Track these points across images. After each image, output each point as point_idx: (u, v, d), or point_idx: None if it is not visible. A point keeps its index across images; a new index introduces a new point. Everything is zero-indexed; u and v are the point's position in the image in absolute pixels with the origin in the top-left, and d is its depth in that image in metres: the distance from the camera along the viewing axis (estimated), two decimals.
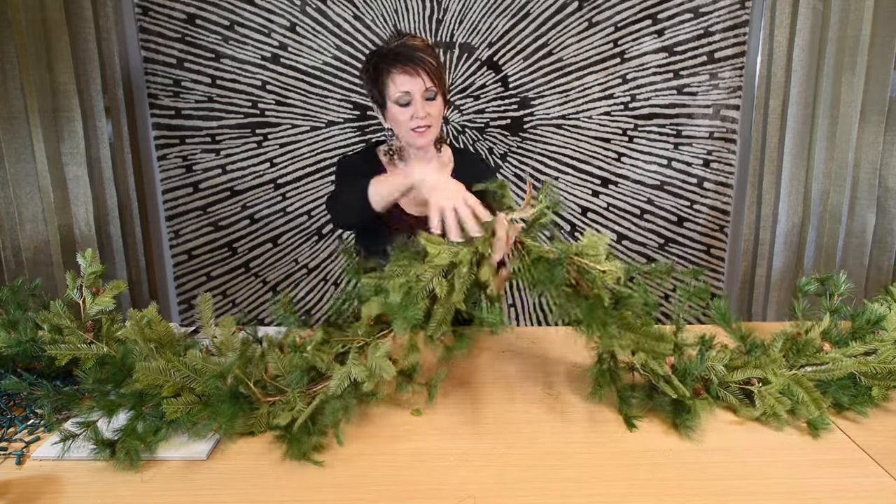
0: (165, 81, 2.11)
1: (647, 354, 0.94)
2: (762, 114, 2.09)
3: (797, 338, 1.03)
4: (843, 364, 0.97)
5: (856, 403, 0.96)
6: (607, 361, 1.01)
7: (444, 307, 0.95)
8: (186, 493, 0.79)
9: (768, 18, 2.03)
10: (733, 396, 0.96)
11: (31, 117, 1.76)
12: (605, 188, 2.24)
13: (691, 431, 0.91)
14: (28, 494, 0.78)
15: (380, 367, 0.89)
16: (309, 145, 2.18)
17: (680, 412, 0.93)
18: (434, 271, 0.95)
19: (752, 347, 1.07)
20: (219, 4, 2.06)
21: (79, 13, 1.87)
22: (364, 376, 0.89)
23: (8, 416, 0.95)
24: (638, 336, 0.94)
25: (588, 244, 0.99)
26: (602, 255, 0.98)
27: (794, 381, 0.94)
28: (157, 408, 0.88)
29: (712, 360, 0.98)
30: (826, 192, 2.04)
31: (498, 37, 2.11)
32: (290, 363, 0.94)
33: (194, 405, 0.89)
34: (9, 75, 1.72)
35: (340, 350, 0.96)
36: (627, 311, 0.95)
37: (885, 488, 0.80)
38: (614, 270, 0.96)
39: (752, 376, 0.96)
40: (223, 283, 2.30)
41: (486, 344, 1.28)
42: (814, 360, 1.00)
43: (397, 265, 0.98)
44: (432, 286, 0.94)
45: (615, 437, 0.92)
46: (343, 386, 0.90)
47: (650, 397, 0.99)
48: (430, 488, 0.80)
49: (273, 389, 0.95)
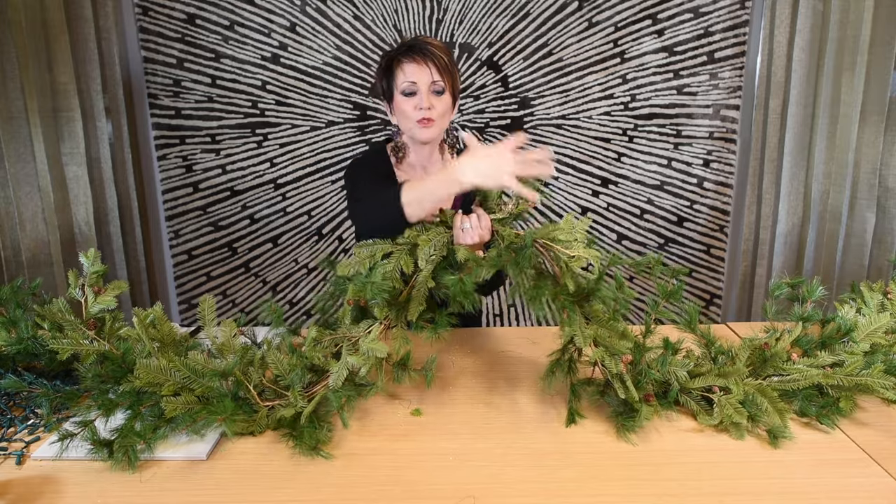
0: (165, 81, 2.11)
1: (606, 350, 0.93)
2: (762, 114, 2.09)
3: (765, 348, 1.02)
4: (809, 374, 0.96)
5: (822, 415, 0.94)
6: (570, 352, 1.01)
7: (418, 290, 0.98)
8: (186, 493, 0.79)
9: (768, 18, 2.03)
10: (694, 403, 0.96)
11: (31, 117, 1.76)
12: (605, 188, 2.24)
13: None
14: (28, 494, 0.78)
15: (371, 349, 0.92)
16: (309, 145, 2.18)
17: (626, 413, 0.93)
18: (400, 251, 0.99)
19: (718, 354, 1.06)
20: (219, 4, 2.06)
21: (79, 13, 1.87)
22: (360, 362, 0.91)
23: (8, 416, 0.95)
24: (601, 329, 0.93)
25: (561, 226, 0.99)
26: (577, 240, 0.98)
27: (758, 390, 0.93)
28: (155, 407, 0.89)
29: (675, 364, 0.97)
30: (826, 192, 2.04)
31: (498, 37, 2.11)
32: (290, 363, 0.95)
33: (193, 405, 0.89)
34: (9, 75, 1.72)
35: (334, 349, 0.98)
36: (598, 304, 0.95)
37: (885, 488, 0.80)
38: (584, 257, 0.95)
39: (714, 384, 0.95)
40: (223, 283, 2.30)
41: (486, 344, 1.28)
42: (780, 371, 0.99)
43: (364, 246, 1.01)
44: (401, 266, 0.98)
45: (615, 437, 0.92)
46: (342, 377, 0.92)
47: (602, 394, 0.99)
48: (430, 488, 0.80)
49: (272, 394, 0.95)
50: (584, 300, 0.95)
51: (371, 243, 1.01)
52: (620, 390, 0.92)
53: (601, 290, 0.94)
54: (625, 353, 0.92)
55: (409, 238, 1.01)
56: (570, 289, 0.92)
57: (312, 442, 0.87)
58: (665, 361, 0.97)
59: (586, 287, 0.95)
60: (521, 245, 0.96)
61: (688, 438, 0.91)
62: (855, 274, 1.99)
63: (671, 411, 0.97)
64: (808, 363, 0.99)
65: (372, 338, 0.94)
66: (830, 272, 2.03)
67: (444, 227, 1.04)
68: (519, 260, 0.94)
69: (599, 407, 0.99)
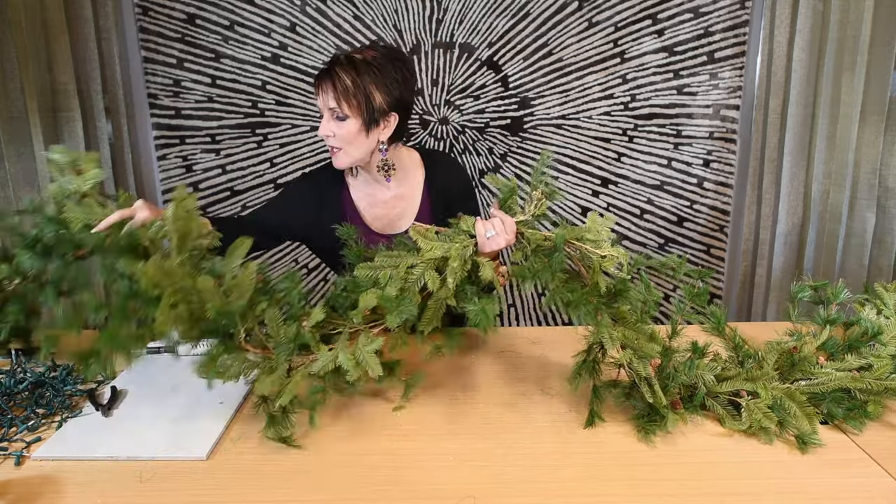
0: (165, 81, 2.11)
1: (634, 353, 0.92)
2: (762, 114, 2.09)
3: (793, 352, 1.01)
4: (838, 378, 0.95)
5: (850, 418, 0.94)
6: (595, 353, 1.00)
7: (436, 303, 0.95)
8: (186, 493, 0.79)
9: (768, 18, 2.03)
10: (721, 407, 0.95)
11: (31, 117, 1.76)
12: (605, 188, 2.24)
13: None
14: (28, 494, 0.78)
15: (367, 361, 0.89)
16: (309, 145, 2.18)
17: (652, 417, 0.92)
18: (426, 265, 0.95)
19: (746, 358, 1.05)
20: (219, 4, 2.06)
21: (79, 13, 1.86)
22: (351, 365, 0.88)
23: (8, 416, 0.95)
24: (629, 331, 0.92)
25: (589, 227, 0.97)
26: (604, 240, 0.96)
27: (787, 395, 0.93)
28: (148, 306, 0.85)
29: (702, 368, 0.96)
30: (826, 192, 2.04)
31: (498, 37, 2.11)
32: (286, 332, 0.92)
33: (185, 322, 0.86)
34: (9, 75, 1.72)
35: (331, 331, 0.95)
36: (625, 305, 0.93)
37: (885, 488, 0.80)
38: (615, 256, 0.93)
39: (742, 388, 0.95)
40: None
41: (486, 344, 1.28)
42: (808, 375, 0.99)
43: (388, 256, 0.98)
44: (424, 280, 0.94)
45: (615, 437, 0.92)
46: (327, 369, 0.90)
47: (628, 397, 0.98)
48: (430, 488, 0.80)
49: (257, 342, 0.93)
50: (611, 301, 0.94)
51: (396, 254, 0.98)
52: (648, 394, 0.91)
53: (630, 291, 0.93)
54: (654, 356, 0.91)
55: (434, 250, 0.95)
56: (601, 289, 0.91)
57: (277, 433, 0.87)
58: (693, 365, 0.96)
59: (614, 288, 0.94)
60: (553, 248, 0.94)
61: (688, 438, 0.91)
62: (855, 274, 1.99)
63: (697, 415, 0.96)
64: (835, 367, 0.98)
65: (371, 348, 0.90)
66: (830, 272, 2.03)
67: (468, 236, 0.99)
68: (552, 264, 0.92)
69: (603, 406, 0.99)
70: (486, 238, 0.98)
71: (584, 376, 0.98)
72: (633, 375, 0.95)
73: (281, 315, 0.95)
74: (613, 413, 0.98)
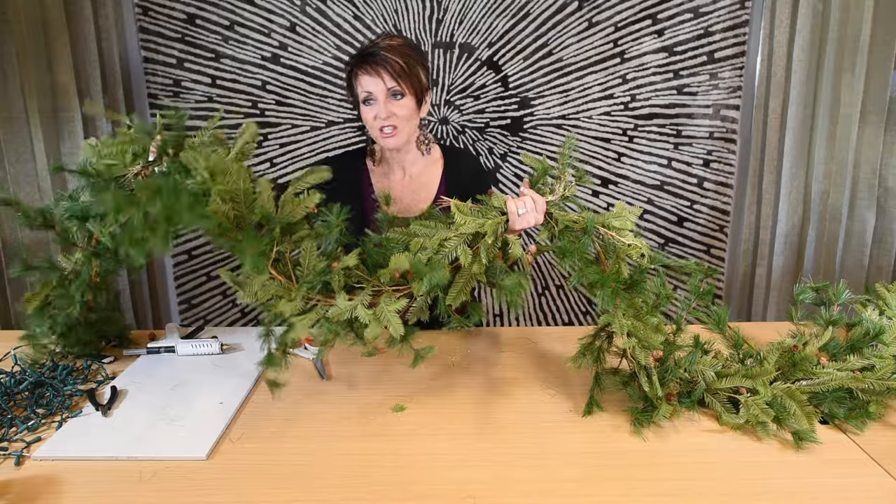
0: (165, 81, 2.11)
1: (638, 342, 0.93)
2: (762, 114, 2.09)
3: (794, 351, 1.02)
4: (839, 378, 0.96)
5: (852, 418, 0.94)
6: (602, 339, 1.01)
7: (465, 277, 0.96)
8: (186, 493, 0.79)
9: (768, 18, 2.03)
10: (719, 403, 0.96)
11: (31, 117, 1.76)
12: (605, 188, 2.24)
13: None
14: (28, 494, 0.78)
15: (390, 320, 0.90)
16: (309, 145, 2.18)
17: (645, 408, 0.94)
18: (459, 239, 0.96)
19: (746, 356, 1.06)
20: (219, 4, 2.06)
21: (79, 13, 1.86)
22: (371, 320, 0.89)
23: (8, 416, 0.95)
24: (636, 321, 0.93)
25: (616, 214, 0.99)
26: (629, 227, 0.98)
27: (787, 393, 0.93)
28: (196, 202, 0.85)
29: (703, 364, 0.97)
30: (826, 192, 2.04)
31: (498, 37, 2.11)
32: (316, 267, 0.93)
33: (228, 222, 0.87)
34: (9, 75, 1.72)
35: (355, 283, 0.95)
36: (639, 297, 0.95)
37: (886, 488, 0.80)
38: (640, 246, 0.96)
39: (741, 385, 0.95)
40: (223, 283, 2.29)
41: (486, 344, 1.28)
42: (809, 374, 0.99)
43: (424, 226, 0.99)
44: (456, 254, 0.95)
45: (615, 437, 0.92)
46: (343, 317, 0.91)
47: (626, 385, 0.99)
48: (430, 488, 0.80)
49: (283, 270, 0.94)
50: (627, 289, 0.96)
51: (431, 224, 0.99)
52: (645, 384, 0.92)
53: (646, 282, 0.95)
54: (657, 347, 0.93)
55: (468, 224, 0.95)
56: (623, 275, 0.93)
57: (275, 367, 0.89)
58: (693, 360, 0.97)
59: (631, 278, 0.95)
60: (582, 230, 0.96)
61: (688, 439, 0.91)
62: (855, 274, 1.99)
63: (694, 411, 0.97)
64: (837, 367, 0.99)
65: (396, 306, 0.90)
66: (830, 272, 2.03)
67: (499, 213, 1.00)
68: (582, 246, 0.94)
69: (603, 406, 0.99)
70: (517, 215, 0.99)
71: (587, 358, 0.99)
72: (634, 365, 0.96)
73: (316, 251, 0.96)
74: (614, 413, 0.98)
